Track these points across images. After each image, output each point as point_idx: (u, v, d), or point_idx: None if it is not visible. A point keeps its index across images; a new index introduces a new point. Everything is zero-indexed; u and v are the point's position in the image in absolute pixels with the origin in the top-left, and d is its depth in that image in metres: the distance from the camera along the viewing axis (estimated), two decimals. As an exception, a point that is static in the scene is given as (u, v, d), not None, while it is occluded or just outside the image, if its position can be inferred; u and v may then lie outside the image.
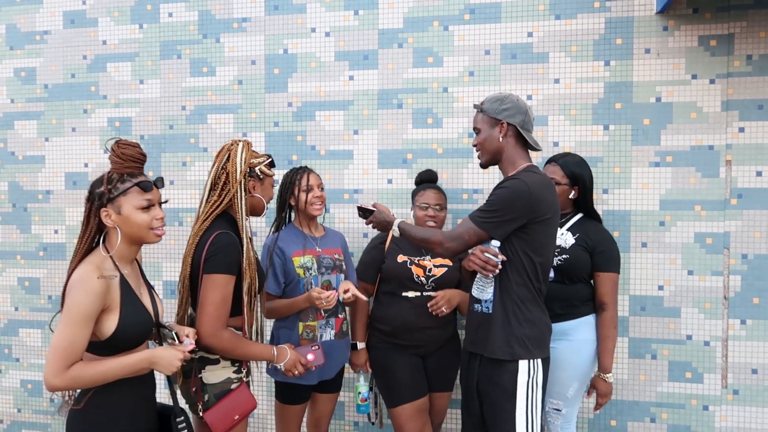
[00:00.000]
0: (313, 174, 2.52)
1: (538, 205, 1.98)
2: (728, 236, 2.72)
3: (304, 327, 2.44)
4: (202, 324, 1.95)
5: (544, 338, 2.08)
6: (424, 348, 2.56)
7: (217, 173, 2.08)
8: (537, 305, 2.07)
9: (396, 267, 2.55)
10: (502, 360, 2.04)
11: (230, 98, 3.16)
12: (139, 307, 1.76)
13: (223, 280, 1.96)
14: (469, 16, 2.91)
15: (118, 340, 1.70)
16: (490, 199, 2.03)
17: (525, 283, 2.04)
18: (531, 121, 2.12)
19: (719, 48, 2.70)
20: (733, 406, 2.75)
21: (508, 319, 2.04)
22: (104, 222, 1.73)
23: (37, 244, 3.41)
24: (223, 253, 1.96)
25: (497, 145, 2.11)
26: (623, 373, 2.83)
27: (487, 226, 2.02)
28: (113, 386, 1.70)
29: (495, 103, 2.11)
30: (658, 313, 2.79)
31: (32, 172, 3.40)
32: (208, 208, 2.06)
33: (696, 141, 2.73)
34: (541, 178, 2.03)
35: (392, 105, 3.00)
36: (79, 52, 3.32)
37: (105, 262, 1.73)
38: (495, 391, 2.05)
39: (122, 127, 3.28)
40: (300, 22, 3.08)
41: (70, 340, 1.61)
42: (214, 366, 2.05)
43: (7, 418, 3.49)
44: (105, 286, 1.66)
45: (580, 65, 2.82)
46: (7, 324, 3.45)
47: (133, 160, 1.75)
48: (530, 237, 2.01)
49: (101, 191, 1.72)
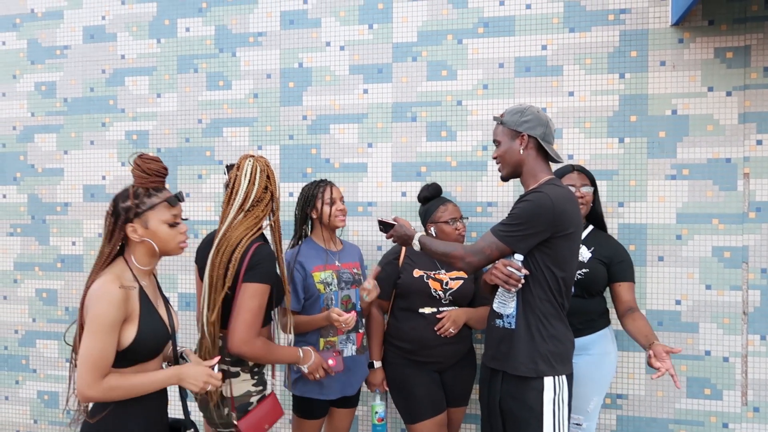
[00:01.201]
0: (335, 187, 2.54)
1: (561, 219, 1.95)
2: (747, 250, 2.68)
3: (325, 342, 2.44)
4: (236, 331, 1.96)
5: (568, 354, 2.05)
6: (442, 364, 2.55)
7: (259, 191, 2.07)
8: (561, 321, 2.04)
9: (413, 282, 2.53)
10: (527, 377, 1.99)
11: (246, 111, 3.19)
12: (156, 319, 1.78)
13: (262, 290, 1.98)
14: (483, 30, 2.92)
15: (136, 352, 1.71)
16: (512, 212, 1.99)
17: (548, 298, 2.00)
18: (552, 133, 2.09)
19: (736, 60, 2.68)
20: (753, 423, 2.69)
21: (532, 334, 2.00)
22: (130, 236, 1.75)
23: (55, 256, 3.45)
24: (266, 263, 1.99)
25: (518, 157, 2.08)
26: (640, 389, 2.79)
27: (509, 240, 1.98)
28: (128, 401, 1.71)
29: (515, 115, 2.08)
30: (676, 328, 2.75)
31: (51, 185, 3.45)
32: (253, 218, 2.05)
33: (713, 154, 2.71)
34: (563, 192, 2.00)
35: (406, 118, 3.01)
36: (98, 66, 3.38)
37: (125, 273, 1.75)
38: (521, 410, 2.00)
39: (139, 140, 3.33)
40: (315, 36, 3.11)
41: (99, 349, 1.62)
42: (234, 379, 2.06)
43: (23, 429, 3.52)
44: (125, 295, 1.68)
45: (595, 78, 2.81)
46: (25, 335, 3.49)
47: (157, 175, 1.78)
48: (553, 251, 1.98)
49: (128, 206, 1.74)
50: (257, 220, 2.08)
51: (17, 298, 3.50)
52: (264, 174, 2.11)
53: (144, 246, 1.77)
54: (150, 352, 1.76)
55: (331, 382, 2.41)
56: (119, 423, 1.71)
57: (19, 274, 3.50)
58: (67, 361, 3.43)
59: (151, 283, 1.85)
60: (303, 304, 2.44)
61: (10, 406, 3.53)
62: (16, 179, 3.50)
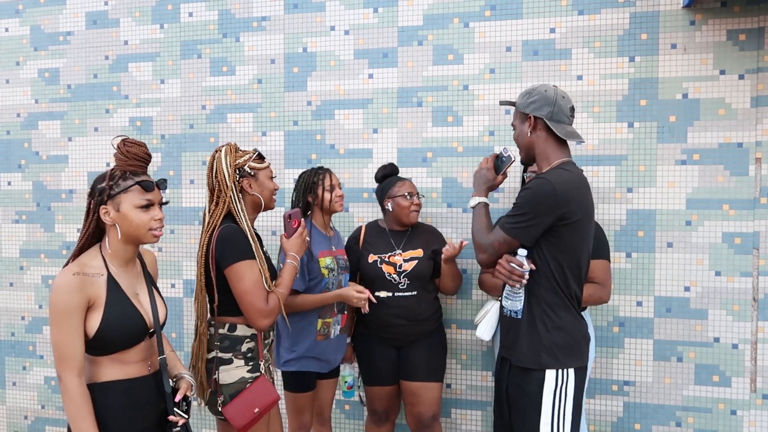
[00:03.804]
0: (333, 174, 2.61)
1: (565, 205, 1.86)
2: (758, 236, 2.65)
3: (323, 323, 2.51)
4: (249, 314, 2.01)
5: (578, 346, 1.97)
6: (399, 341, 2.67)
7: (210, 183, 2.13)
8: (568, 311, 1.96)
9: (368, 267, 2.65)
10: (529, 368, 1.97)
11: (250, 97, 3.16)
12: (127, 308, 1.73)
13: (244, 267, 1.99)
14: (490, 13, 2.87)
15: (104, 340, 1.68)
16: (515, 202, 1.95)
17: (554, 288, 1.93)
18: (564, 111, 1.99)
19: (749, 42, 2.63)
20: (762, 410, 2.67)
21: (536, 325, 1.95)
22: (102, 218, 1.72)
23: (60, 243, 3.45)
24: (232, 243, 2.00)
25: (527, 140, 2.02)
26: (648, 376, 2.77)
27: (514, 232, 1.92)
28: (105, 389, 1.70)
29: (524, 97, 2.03)
30: (685, 314, 2.72)
31: (56, 172, 3.45)
32: (210, 218, 2.11)
33: (724, 138, 2.66)
34: (570, 176, 1.91)
35: (412, 103, 2.98)
36: (101, 52, 3.35)
37: (93, 260, 1.72)
38: (522, 399, 1.99)
39: (143, 126, 3.31)
40: (319, 20, 3.07)
41: (56, 338, 1.63)
42: (227, 366, 2.06)
43: (31, 414, 3.54)
44: (80, 281, 1.65)
45: (604, 61, 2.76)
46: (32, 322, 3.50)
47: (137, 159, 1.74)
48: (557, 240, 1.91)
49: (102, 187, 1.72)
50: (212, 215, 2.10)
51: (23, 284, 3.51)
52: (210, 162, 2.14)
53: (116, 230, 1.73)
54: (123, 340, 1.72)
55: (328, 356, 2.54)
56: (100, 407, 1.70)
57: (25, 261, 3.51)
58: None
59: (130, 271, 1.80)
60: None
61: (18, 392, 3.55)
62: (21, 166, 3.49)
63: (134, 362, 1.76)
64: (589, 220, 1.97)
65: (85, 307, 1.66)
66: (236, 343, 2.08)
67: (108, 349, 1.71)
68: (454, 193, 2.95)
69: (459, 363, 2.98)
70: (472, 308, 2.93)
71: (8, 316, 3.54)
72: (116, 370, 1.73)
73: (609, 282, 2.48)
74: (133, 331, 1.73)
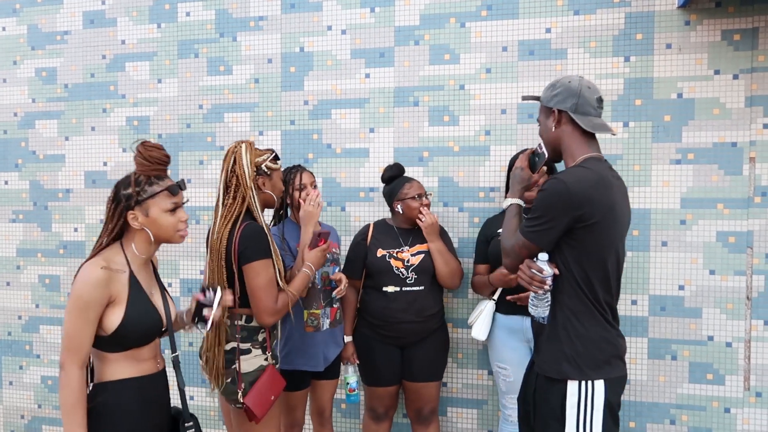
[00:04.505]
0: (306, 172, 2.63)
1: (580, 206, 1.74)
2: (752, 235, 2.66)
3: (309, 314, 2.55)
4: (259, 311, 2.08)
5: (606, 357, 1.82)
6: (404, 339, 2.66)
7: (227, 177, 2.16)
8: (595, 319, 1.82)
9: (376, 262, 2.66)
10: (551, 378, 1.86)
11: (247, 97, 3.17)
12: (146, 306, 1.77)
13: (262, 265, 2.07)
14: (486, 12, 2.89)
15: (124, 336, 1.71)
16: (533, 205, 1.84)
17: (578, 294, 1.81)
18: (590, 102, 1.85)
19: (743, 42, 2.64)
20: (755, 408, 2.69)
21: (558, 333, 1.84)
22: (131, 224, 1.75)
23: (57, 242, 3.46)
24: (255, 241, 2.07)
25: (552, 135, 1.91)
26: (642, 374, 2.78)
27: (531, 236, 1.82)
28: (119, 387, 1.72)
29: (548, 91, 1.92)
30: (679, 313, 2.74)
31: (52, 171, 3.45)
32: (226, 211, 2.14)
33: (719, 138, 2.68)
34: (588, 174, 1.77)
35: (408, 103, 2.99)
36: (98, 51, 3.36)
37: (116, 257, 1.75)
38: (544, 407, 1.88)
39: (140, 126, 3.31)
40: (316, 20, 3.07)
41: (72, 328, 1.65)
42: (247, 356, 2.12)
43: (27, 414, 3.55)
44: (107, 276, 1.67)
45: (600, 61, 2.78)
46: (28, 321, 3.51)
47: (159, 163, 1.77)
48: (579, 243, 1.79)
49: (129, 193, 1.74)
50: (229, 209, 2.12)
51: (20, 284, 3.51)
52: (230, 157, 2.17)
53: (143, 234, 1.77)
54: (141, 337, 1.75)
55: (316, 353, 2.53)
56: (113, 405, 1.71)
57: (22, 260, 3.51)
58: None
59: (146, 271, 1.84)
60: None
61: (15, 391, 3.55)
62: (18, 166, 3.49)
63: (146, 359, 1.79)
64: (613, 221, 1.82)
65: (105, 302, 1.68)
66: (253, 333, 2.15)
67: (125, 345, 1.73)
68: (450, 192, 2.96)
69: (455, 362, 2.99)
70: (468, 307, 2.94)
71: (5, 315, 3.54)
72: (130, 368, 1.75)
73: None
74: (150, 328, 1.77)
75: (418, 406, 2.72)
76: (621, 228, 1.88)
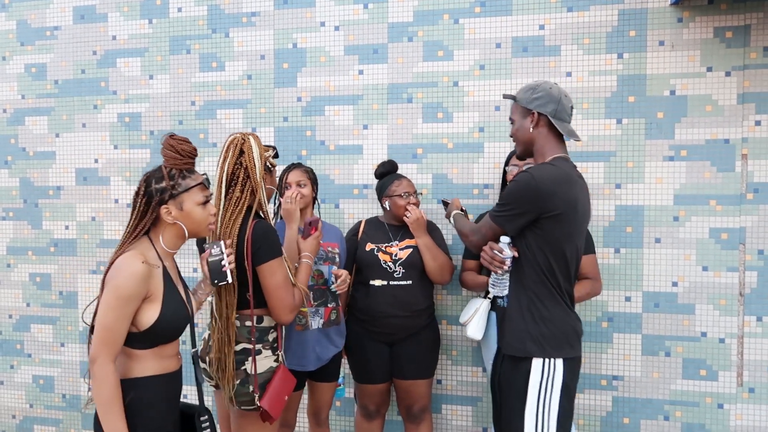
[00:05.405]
0: (295, 171, 2.60)
1: (548, 199, 1.91)
2: (744, 231, 2.67)
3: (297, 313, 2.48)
4: (281, 310, 2.03)
5: (567, 338, 1.98)
6: (392, 336, 2.65)
7: (233, 169, 2.06)
8: (557, 303, 1.98)
9: (365, 255, 2.67)
10: (516, 357, 2.01)
11: (239, 93, 3.15)
12: (178, 301, 1.76)
13: (277, 264, 2.03)
14: (480, 9, 2.88)
15: (157, 333, 1.69)
16: (502, 193, 2.03)
17: (541, 279, 1.97)
18: (566, 110, 2.03)
19: (735, 39, 2.65)
20: (748, 404, 2.70)
21: (522, 315, 1.99)
22: (164, 218, 1.73)
23: (48, 240, 3.42)
24: (268, 240, 2.02)
25: (528, 135, 2.05)
26: (636, 371, 2.79)
27: (499, 221, 2.01)
28: (147, 384, 1.69)
29: (527, 93, 2.05)
30: (672, 309, 2.75)
31: (43, 168, 3.41)
32: (233, 205, 2.05)
33: (711, 135, 2.69)
34: (555, 171, 1.94)
35: (402, 99, 2.98)
36: (89, 47, 3.32)
37: (149, 252, 1.73)
38: (508, 388, 2.04)
39: (132, 122, 3.28)
40: (309, 16, 3.06)
41: (112, 320, 1.61)
42: (258, 357, 2.09)
43: (19, 414, 3.51)
44: (148, 271, 1.66)
45: (593, 58, 2.78)
46: (19, 320, 3.47)
47: (190, 156, 1.77)
48: (543, 232, 1.95)
49: (163, 187, 1.72)
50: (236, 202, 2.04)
51: (11, 282, 3.48)
52: (236, 148, 2.07)
53: (175, 228, 1.76)
54: (171, 334, 1.75)
55: (306, 352, 2.49)
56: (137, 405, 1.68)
57: (13, 259, 3.47)
58: (61, 345, 3.42)
59: (173, 265, 1.83)
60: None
61: (6, 391, 3.52)
62: (8, 162, 3.45)
63: (170, 356, 1.78)
64: (575, 215, 1.97)
65: (143, 297, 1.66)
66: (264, 333, 2.11)
67: (156, 341, 1.71)
68: (444, 189, 2.95)
69: (450, 359, 2.99)
70: (462, 304, 2.94)
71: (-5, 314, 3.51)
72: (156, 365, 1.73)
73: (599, 275, 2.56)
74: (181, 323, 1.77)
75: (408, 403, 2.72)
76: (581, 222, 2.03)
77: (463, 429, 3.00)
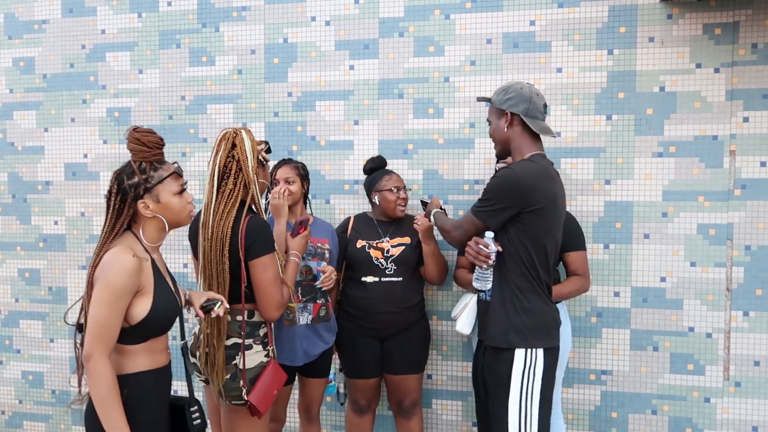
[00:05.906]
0: (285, 167, 2.60)
1: (530, 194, 1.98)
2: (731, 227, 2.70)
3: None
4: (269, 306, 2.03)
5: (548, 329, 2.07)
6: (383, 331, 2.66)
7: (225, 162, 2.06)
8: (538, 295, 2.07)
9: (356, 252, 2.67)
10: (499, 348, 2.07)
11: (230, 88, 3.13)
12: (168, 293, 1.75)
13: (269, 260, 2.03)
14: (471, 5, 2.88)
15: (148, 327, 1.68)
16: (484, 188, 2.08)
17: (523, 272, 2.05)
18: (539, 108, 2.10)
19: (724, 36, 2.67)
20: (734, 398, 2.73)
21: (505, 307, 2.06)
22: (142, 213, 1.71)
23: (36, 235, 3.40)
24: (261, 235, 2.02)
25: (504, 135, 2.14)
26: (624, 365, 2.81)
27: (481, 216, 2.07)
28: (140, 379, 1.69)
29: (500, 94, 2.14)
30: (660, 304, 2.77)
31: (31, 163, 3.39)
32: (225, 198, 2.04)
33: (700, 131, 2.70)
34: (535, 167, 2.03)
35: (393, 95, 2.98)
36: (77, 41, 3.30)
37: (135, 246, 1.71)
38: (492, 379, 2.09)
39: (121, 117, 3.26)
40: (300, 10, 3.05)
41: (105, 316, 1.59)
42: (249, 352, 2.09)
43: (8, 409, 3.50)
44: (138, 265, 1.64)
45: (583, 54, 2.78)
46: (8, 315, 3.45)
47: (157, 147, 1.74)
48: (525, 227, 2.02)
49: (136, 182, 1.69)
50: (229, 195, 2.03)
51: (-1, 278, 3.46)
52: (228, 141, 2.07)
53: (155, 221, 1.74)
54: (163, 326, 1.74)
55: (294, 347, 2.48)
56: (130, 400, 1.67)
57: (1, 254, 3.45)
58: (51, 341, 3.40)
59: (159, 257, 1.82)
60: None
61: (-5, 387, 3.50)
62: (-4, 157, 3.43)
63: (161, 350, 1.77)
64: (554, 209, 2.06)
65: (135, 291, 1.65)
66: (255, 328, 2.11)
67: (148, 335, 1.70)
68: (435, 184, 2.96)
69: (440, 354, 3.00)
70: (453, 300, 2.95)
71: (-16, 309, 3.48)
72: (148, 360, 1.72)
73: (588, 271, 2.57)
74: (172, 316, 1.76)
75: (398, 398, 2.74)
76: (560, 216, 2.11)
77: (453, 423, 3.01)
